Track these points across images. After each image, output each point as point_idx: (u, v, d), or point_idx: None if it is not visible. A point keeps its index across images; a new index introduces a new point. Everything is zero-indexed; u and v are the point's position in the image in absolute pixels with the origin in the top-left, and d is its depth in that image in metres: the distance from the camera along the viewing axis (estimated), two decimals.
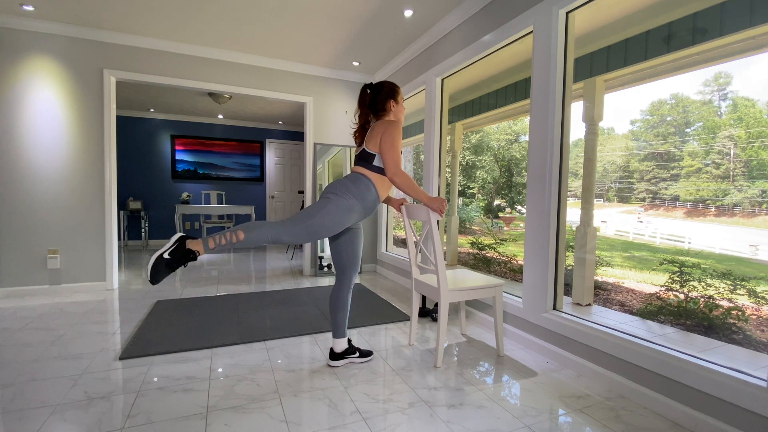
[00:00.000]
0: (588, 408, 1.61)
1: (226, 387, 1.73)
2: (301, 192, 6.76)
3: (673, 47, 2.14)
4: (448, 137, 4.22)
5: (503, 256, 5.21)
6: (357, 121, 1.94)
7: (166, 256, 1.50)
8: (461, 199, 12.52)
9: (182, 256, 1.52)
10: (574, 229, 2.82)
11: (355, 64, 4.03)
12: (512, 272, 4.78)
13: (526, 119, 4.24)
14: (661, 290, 3.23)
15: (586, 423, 1.51)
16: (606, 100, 2.70)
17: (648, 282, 3.87)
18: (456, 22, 2.93)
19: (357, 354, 2.01)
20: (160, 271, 1.49)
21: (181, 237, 1.55)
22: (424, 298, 2.89)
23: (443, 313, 1.97)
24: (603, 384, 1.80)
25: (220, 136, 6.68)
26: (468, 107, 4.26)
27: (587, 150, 2.73)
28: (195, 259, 1.54)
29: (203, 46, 3.62)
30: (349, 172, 1.86)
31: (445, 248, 4.21)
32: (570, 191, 2.20)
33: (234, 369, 1.91)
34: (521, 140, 12.33)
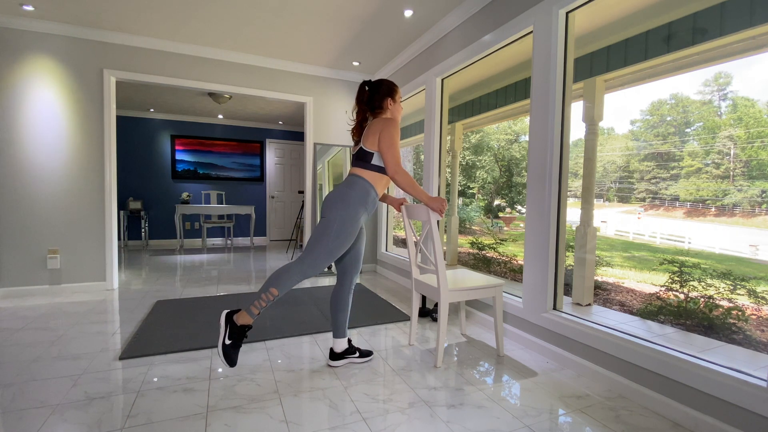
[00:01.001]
0: (588, 408, 1.61)
1: (226, 387, 1.73)
2: (301, 192, 6.76)
3: (673, 47, 2.14)
4: (448, 137, 4.22)
5: (503, 256, 5.21)
6: (354, 118, 1.93)
7: (227, 341, 1.64)
8: (461, 199, 12.52)
9: (240, 334, 1.66)
10: (574, 229, 2.82)
11: (355, 64, 4.03)
12: (512, 272, 4.78)
13: (526, 119, 4.24)
14: (661, 290, 3.22)
15: (586, 423, 1.51)
16: (606, 100, 2.70)
17: (648, 282, 3.87)
18: (456, 22, 2.93)
19: (357, 354, 2.00)
20: (230, 354, 1.64)
21: (227, 317, 1.68)
22: (424, 298, 2.89)
23: (443, 313, 1.97)
24: (603, 384, 1.80)
25: (220, 136, 6.68)
26: (468, 107, 4.26)
27: (587, 150, 2.73)
28: (251, 328, 1.75)
29: (203, 46, 3.63)
30: (348, 172, 1.86)
31: (445, 248, 4.21)
32: (570, 191, 2.20)
33: (234, 369, 1.91)
34: (521, 140, 12.32)
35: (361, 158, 1.80)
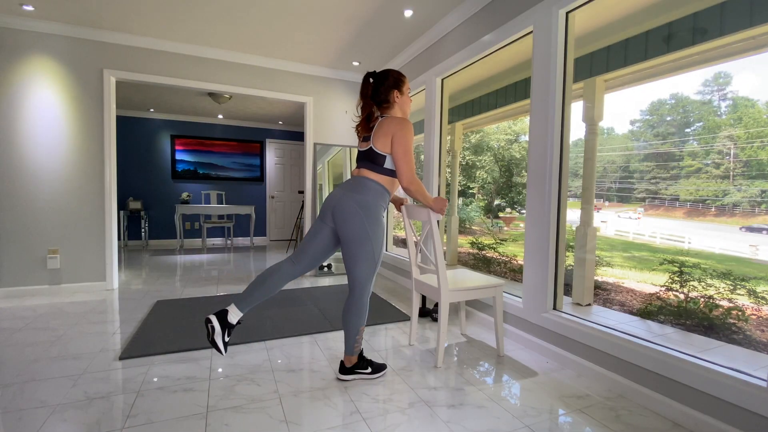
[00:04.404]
0: (588, 408, 1.61)
1: (226, 387, 1.73)
2: (301, 192, 6.75)
3: (673, 47, 2.14)
4: (448, 137, 4.22)
5: (503, 256, 5.21)
6: (359, 113, 1.77)
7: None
8: (461, 199, 12.51)
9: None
10: (574, 229, 2.82)
11: (355, 64, 4.03)
12: (512, 272, 4.78)
13: (526, 119, 4.24)
14: (661, 290, 3.22)
15: (586, 423, 1.50)
16: (606, 100, 2.70)
17: (648, 282, 3.87)
18: (456, 22, 2.93)
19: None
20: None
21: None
22: (424, 298, 2.89)
23: (443, 313, 1.97)
24: (603, 384, 1.80)
25: (220, 136, 6.68)
26: (468, 107, 4.26)
27: (587, 150, 2.73)
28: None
29: (203, 46, 3.62)
30: (349, 173, 1.84)
31: (445, 248, 4.21)
32: (570, 191, 2.20)
33: (234, 369, 1.91)
34: (521, 140, 12.32)
35: (372, 160, 1.69)
